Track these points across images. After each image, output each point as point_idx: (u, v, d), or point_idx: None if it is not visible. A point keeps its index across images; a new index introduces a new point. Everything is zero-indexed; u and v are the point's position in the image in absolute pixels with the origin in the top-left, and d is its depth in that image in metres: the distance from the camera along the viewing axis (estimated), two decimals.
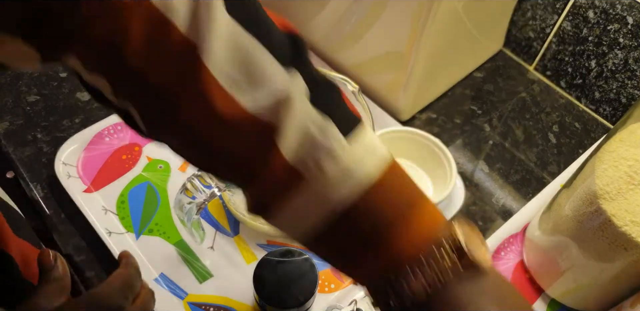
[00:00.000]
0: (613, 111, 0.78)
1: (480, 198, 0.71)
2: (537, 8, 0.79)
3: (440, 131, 0.78)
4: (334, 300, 0.60)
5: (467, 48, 0.79)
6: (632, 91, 0.74)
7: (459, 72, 0.83)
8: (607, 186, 0.50)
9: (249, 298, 0.60)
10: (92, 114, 0.75)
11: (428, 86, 0.77)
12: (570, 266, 0.57)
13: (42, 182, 0.68)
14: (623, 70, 0.74)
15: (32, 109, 0.75)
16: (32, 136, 0.72)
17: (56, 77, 0.79)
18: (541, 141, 0.78)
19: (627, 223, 0.48)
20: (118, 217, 0.65)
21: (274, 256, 0.54)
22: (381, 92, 0.76)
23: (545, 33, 0.80)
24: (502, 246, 0.65)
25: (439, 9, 0.61)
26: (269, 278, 0.53)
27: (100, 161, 0.69)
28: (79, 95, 0.77)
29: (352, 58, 0.77)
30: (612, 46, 0.73)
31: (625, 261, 0.51)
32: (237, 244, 0.64)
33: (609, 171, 0.50)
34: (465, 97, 0.82)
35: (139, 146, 0.71)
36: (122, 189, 0.67)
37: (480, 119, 0.79)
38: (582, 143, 0.78)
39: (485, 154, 0.76)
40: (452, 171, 0.64)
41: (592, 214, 0.51)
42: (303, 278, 0.53)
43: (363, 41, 0.73)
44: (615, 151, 0.51)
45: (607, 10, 0.71)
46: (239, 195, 0.56)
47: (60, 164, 0.67)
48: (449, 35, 0.69)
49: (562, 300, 0.62)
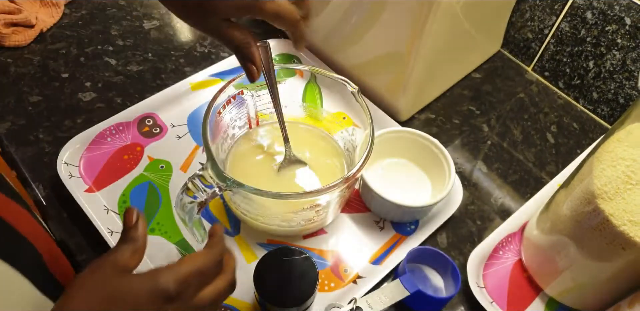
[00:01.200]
0: (611, 111, 0.79)
1: (479, 198, 0.72)
2: (536, 9, 0.79)
3: (439, 131, 0.78)
4: (334, 299, 0.61)
5: (465, 49, 0.79)
6: (630, 92, 0.75)
7: (457, 73, 0.84)
8: (605, 186, 0.50)
9: (249, 297, 0.60)
10: (94, 114, 0.75)
11: (427, 86, 0.77)
12: (568, 265, 0.57)
13: (44, 182, 0.68)
14: (621, 71, 0.74)
15: (34, 110, 0.75)
16: (34, 136, 0.73)
17: (58, 77, 0.79)
18: (539, 141, 0.78)
19: (625, 223, 0.48)
20: (120, 216, 0.65)
21: (275, 255, 0.54)
22: (380, 93, 0.76)
23: (543, 34, 0.81)
24: (501, 246, 0.66)
25: (438, 10, 0.62)
26: (270, 277, 0.53)
27: (102, 161, 0.69)
28: (80, 95, 0.77)
29: (352, 59, 0.78)
30: (610, 47, 0.73)
31: (623, 261, 0.51)
32: (238, 243, 0.64)
33: (607, 171, 0.50)
34: (463, 98, 0.82)
35: (140, 146, 0.71)
36: (123, 188, 0.67)
37: (479, 120, 0.80)
38: (580, 143, 0.78)
39: (484, 154, 0.76)
40: (451, 171, 0.65)
41: (590, 213, 0.51)
42: (303, 277, 0.53)
43: (362, 42, 0.74)
44: (613, 151, 0.51)
45: (605, 11, 0.71)
46: (239, 195, 0.57)
47: (62, 164, 0.67)
48: (447, 37, 0.69)
49: (561, 298, 0.62)
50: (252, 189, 0.50)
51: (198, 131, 0.72)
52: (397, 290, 0.58)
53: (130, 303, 0.38)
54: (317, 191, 0.52)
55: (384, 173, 0.70)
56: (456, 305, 0.63)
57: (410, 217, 0.66)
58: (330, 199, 0.57)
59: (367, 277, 0.62)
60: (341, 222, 0.67)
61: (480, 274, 0.64)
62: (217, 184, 0.50)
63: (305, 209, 0.57)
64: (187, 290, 0.40)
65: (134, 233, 0.42)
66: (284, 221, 0.60)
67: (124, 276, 0.39)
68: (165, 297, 0.39)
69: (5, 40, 0.81)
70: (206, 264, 0.42)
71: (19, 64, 0.80)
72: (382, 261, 0.64)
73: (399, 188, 0.68)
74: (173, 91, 0.76)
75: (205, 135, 0.54)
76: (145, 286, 0.38)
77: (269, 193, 0.51)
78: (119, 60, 0.82)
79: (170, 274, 0.40)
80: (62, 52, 0.82)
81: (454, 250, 0.67)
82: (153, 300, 0.38)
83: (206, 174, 0.50)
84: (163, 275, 0.39)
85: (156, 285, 0.39)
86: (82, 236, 0.65)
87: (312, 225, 0.63)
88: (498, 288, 0.63)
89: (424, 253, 0.62)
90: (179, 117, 0.75)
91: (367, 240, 0.66)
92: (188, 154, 0.71)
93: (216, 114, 0.58)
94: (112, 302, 0.38)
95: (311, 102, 0.68)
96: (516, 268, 0.65)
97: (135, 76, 0.81)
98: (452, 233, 0.68)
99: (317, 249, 0.65)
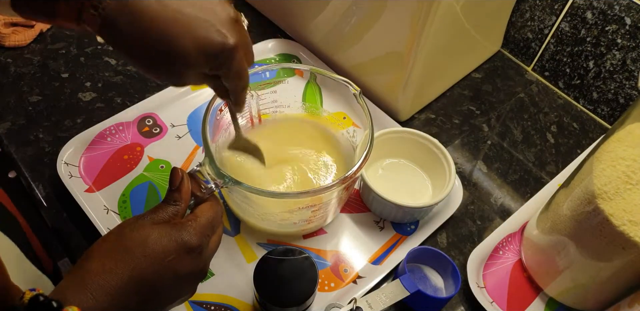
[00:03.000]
0: (611, 111, 0.79)
1: (479, 198, 0.72)
2: (536, 9, 0.79)
3: (439, 131, 0.78)
4: (334, 299, 0.61)
5: (465, 49, 0.79)
6: (630, 92, 0.75)
7: (457, 73, 0.84)
8: (605, 186, 0.50)
9: (249, 297, 0.60)
10: (94, 114, 0.75)
11: (427, 86, 0.77)
12: (568, 265, 0.57)
13: (44, 182, 0.68)
14: (621, 70, 0.74)
15: (34, 109, 0.75)
16: (34, 136, 0.73)
17: (58, 77, 0.79)
18: (539, 141, 0.78)
19: (625, 223, 0.48)
20: (120, 216, 0.65)
21: (275, 255, 0.54)
22: (380, 93, 0.76)
23: (543, 34, 0.81)
24: (501, 245, 0.66)
25: (438, 10, 0.62)
26: (270, 276, 0.53)
27: (102, 160, 0.69)
28: (80, 95, 0.77)
29: (352, 59, 0.78)
30: (610, 47, 0.73)
31: (623, 260, 0.51)
32: (238, 243, 0.64)
33: (607, 170, 0.50)
34: (463, 98, 0.82)
35: (140, 146, 0.71)
36: (123, 188, 0.67)
37: (479, 120, 0.80)
38: (580, 143, 0.78)
39: (484, 154, 0.76)
40: (451, 171, 0.65)
41: (590, 213, 0.51)
42: (303, 276, 0.53)
43: (362, 42, 0.74)
44: (613, 151, 0.51)
45: (605, 11, 0.71)
46: (237, 193, 0.57)
47: (62, 164, 0.67)
48: (447, 36, 0.69)
49: (561, 298, 0.62)
50: (248, 188, 0.51)
51: (198, 131, 0.73)
52: (397, 290, 0.58)
53: (159, 250, 0.42)
54: (314, 191, 0.52)
55: (384, 173, 0.70)
56: (456, 305, 0.63)
57: (411, 217, 0.66)
58: (328, 200, 0.57)
59: (367, 277, 0.62)
60: (341, 222, 0.67)
61: (480, 274, 0.64)
62: (214, 180, 0.50)
63: (302, 208, 0.57)
64: (205, 240, 0.45)
65: (177, 195, 0.45)
66: (282, 220, 0.60)
67: (156, 226, 0.43)
68: (188, 248, 0.43)
69: (5, 40, 0.81)
70: (216, 217, 0.47)
71: (19, 64, 0.80)
72: (382, 261, 0.64)
73: (399, 188, 0.68)
74: (173, 91, 0.76)
75: (205, 133, 0.54)
76: (173, 238, 0.43)
77: (266, 192, 0.51)
78: (119, 60, 0.82)
79: (192, 229, 0.44)
80: (62, 52, 0.82)
81: (454, 250, 0.67)
82: (178, 249, 0.43)
83: (203, 170, 0.50)
84: (187, 231, 0.43)
85: (182, 238, 0.43)
86: (82, 236, 0.65)
87: (311, 225, 0.63)
88: (498, 288, 0.63)
89: (424, 253, 0.62)
90: (179, 117, 0.75)
91: (367, 240, 0.66)
92: (188, 154, 0.71)
93: (217, 112, 0.58)
94: (143, 245, 0.41)
95: (311, 102, 0.68)
96: (516, 268, 0.65)
97: (135, 75, 0.81)
98: (452, 233, 0.68)
99: (317, 250, 0.65)
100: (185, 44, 0.40)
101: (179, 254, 0.43)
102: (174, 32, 0.40)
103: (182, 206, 0.46)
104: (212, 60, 0.42)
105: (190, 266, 0.44)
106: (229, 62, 0.43)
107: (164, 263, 0.42)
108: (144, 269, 0.41)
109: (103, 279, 0.39)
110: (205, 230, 0.45)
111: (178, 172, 0.46)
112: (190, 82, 0.46)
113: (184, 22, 0.40)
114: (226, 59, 0.43)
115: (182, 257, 0.43)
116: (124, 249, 0.41)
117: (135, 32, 0.39)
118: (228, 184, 0.51)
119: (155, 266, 0.41)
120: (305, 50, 0.82)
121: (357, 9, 0.70)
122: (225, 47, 0.41)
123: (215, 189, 0.51)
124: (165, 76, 0.44)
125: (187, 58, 0.41)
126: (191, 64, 0.42)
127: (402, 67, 0.70)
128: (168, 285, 0.43)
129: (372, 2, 0.67)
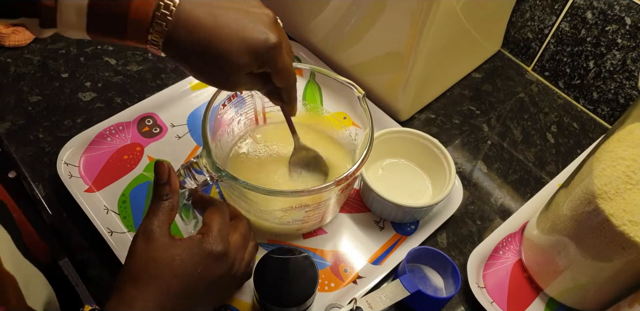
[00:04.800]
0: (611, 111, 0.79)
1: (479, 198, 0.72)
2: (536, 9, 0.79)
3: (439, 131, 0.78)
4: (334, 299, 0.61)
5: (465, 49, 0.79)
6: (630, 92, 0.75)
7: (457, 73, 0.84)
8: (605, 186, 0.50)
9: (249, 297, 0.60)
10: (94, 114, 0.75)
11: (427, 86, 0.77)
12: (568, 265, 0.57)
13: (44, 182, 0.68)
14: (621, 70, 0.74)
15: (34, 109, 0.75)
16: (34, 136, 0.73)
17: (58, 77, 0.79)
18: (539, 141, 0.78)
19: (625, 223, 0.48)
20: (119, 216, 0.65)
21: (275, 255, 0.54)
22: (380, 93, 0.76)
23: (543, 34, 0.81)
24: (501, 245, 0.66)
25: (438, 10, 0.62)
26: (270, 276, 0.53)
27: (102, 160, 0.69)
28: (80, 95, 0.77)
29: (352, 59, 0.78)
30: (610, 47, 0.73)
31: (623, 260, 0.51)
32: None
33: (607, 170, 0.50)
34: (463, 98, 0.82)
35: (140, 146, 0.71)
36: (123, 188, 0.67)
37: (479, 120, 0.80)
38: (580, 143, 0.78)
39: (484, 154, 0.76)
40: (451, 171, 0.65)
41: (590, 213, 0.51)
42: (303, 276, 0.53)
43: (362, 42, 0.74)
44: (613, 151, 0.51)
45: (605, 11, 0.71)
46: (234, 189, 0.57)
47: (62, 164, 0.67)
48: (447, 36, 0.69)
49: (561, 298, 0.62)
50: (243, 183, 0.51)
51: (198, 131, 0.73)
52: (397, 290, 0.58)
53: (188, 267, 0.46)
54: (309, 191, 0.52)
55: (384, 173, 0.70)
56: (456, 305, 0.63)
57: (411, 217, 0.66)
58: (324, 200, 0.57)
59: (367, 277, 0.62)
60: (341, 222, 0.67)
61: (480, 274, 0.64)
62: (209, 173, 0.51)
63: (295, 208, 0.57)
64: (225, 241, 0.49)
65: (167, 188, 0.48)
66: (276, 219, 0.60)
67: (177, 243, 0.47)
68: (215, 256, 0.48)
69: (5, 40, 0.81)
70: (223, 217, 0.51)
71: (19, 64, 0.80)
72: (382, 261, 0.64)
73: (399, 188, 0.68)
74: (173, 91, 0.76)
75: (205, 126, 0.54)
76: (196, 251, 0.47)
77: (260, 189, 0.51)
78: (119, 60, 0.82)
79: (211, 238, 0.48)
80: (62, 52, 0.82)
81: (454, 250, 0.67)
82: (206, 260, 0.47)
83: (200, 162, 0.51)
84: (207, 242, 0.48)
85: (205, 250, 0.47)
86: (82, 236, 0.65)
87: (308, 224, 0.63)
88: (498, 288, 0.63)
89: (424, 253, 0.62)
90: (178, 117, 0.75)
91: (367, 240, 0.66)
92: (188, 154, 0.71)
93: (219, 107, 0.58)
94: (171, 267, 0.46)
95: (312, 102, 0.67)
96: (516, 268, 0.65)
97: (135, 75, 0.81)
98: (452, 233, 0.68)
99: (317, 249, 0.65)
100: (235, 45, 0.44)
101: (207, 264, 0.47)
102: (224, 38, 0.43)
103: (174, 198, 0.49)
104: (259, 57, 0.45)
105: (220, 270, 0.49)
106: (275, 58, 0.46)
107: (195, 277, 0.47)
108: (177, 288, 0.46)
109: (144, 304, 0.45)
110: (222, 233, 0.49)
111: (164, 165, 0.49)
112: (243, 83, 0.48)
113: (231, 27, 0.44)
114: (272, 56, 0.46)
115: (210, 266, 0.48)
116: (154, 276, 0.46)
117: (193, 42, 0.43)
118: (223, 178, 0.51)
119: (186, 282, 0.46)
120: (305, 50, 0.82)
121: (357, 9, 0.70)
122: (269, 44, 0.45)
123: (210, 181, 0.51)
124: (221, 79, 0.47)
125: (238, 58, 0.44)
126: (242, 63, 0.45)
127: (402, 67, 0.70)
128: (202, 292, 0.48)
129: (372, 2, 0.67)
